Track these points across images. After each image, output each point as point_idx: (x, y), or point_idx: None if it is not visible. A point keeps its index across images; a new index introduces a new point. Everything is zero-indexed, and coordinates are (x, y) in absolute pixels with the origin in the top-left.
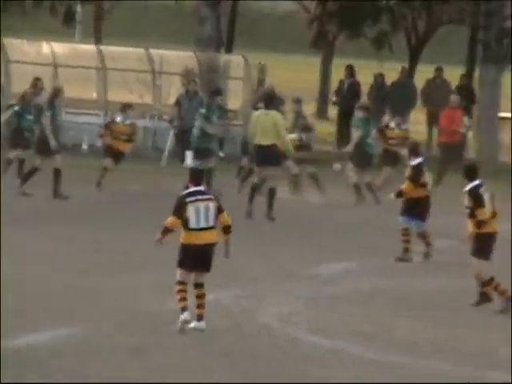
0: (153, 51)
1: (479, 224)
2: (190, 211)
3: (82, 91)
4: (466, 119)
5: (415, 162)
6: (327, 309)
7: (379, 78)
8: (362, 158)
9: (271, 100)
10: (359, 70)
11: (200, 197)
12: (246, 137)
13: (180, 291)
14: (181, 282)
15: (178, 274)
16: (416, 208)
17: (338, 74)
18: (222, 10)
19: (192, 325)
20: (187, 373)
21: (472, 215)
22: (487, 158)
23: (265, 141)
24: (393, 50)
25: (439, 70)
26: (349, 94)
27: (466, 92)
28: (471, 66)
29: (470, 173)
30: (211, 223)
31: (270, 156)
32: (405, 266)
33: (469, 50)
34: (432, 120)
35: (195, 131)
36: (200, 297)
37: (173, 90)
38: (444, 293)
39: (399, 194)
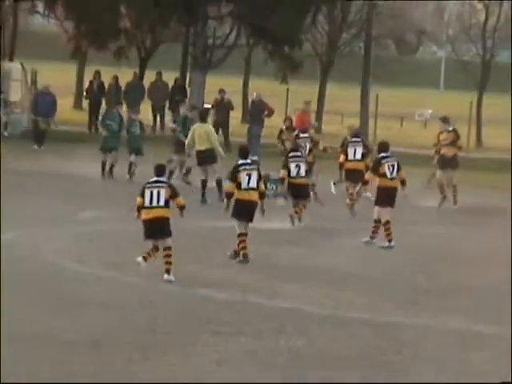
0: None
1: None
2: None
3: None
4: (313, 120)
5: None
6: (86, 244)
7: (114, 80)
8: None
9: (205, 115)
10: (105, 74)
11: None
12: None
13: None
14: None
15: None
16: None
17: (89, 76)
18: (6, 29)
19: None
20: None
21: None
22: None
23: (201, 146)
24: (129, 59)
25: (159, 74)
26: (97, 91)
27: (181, 90)
28: (184, 72)
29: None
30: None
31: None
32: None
33: (182, 60)
34: (155, 111)
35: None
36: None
37: None
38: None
39: None
